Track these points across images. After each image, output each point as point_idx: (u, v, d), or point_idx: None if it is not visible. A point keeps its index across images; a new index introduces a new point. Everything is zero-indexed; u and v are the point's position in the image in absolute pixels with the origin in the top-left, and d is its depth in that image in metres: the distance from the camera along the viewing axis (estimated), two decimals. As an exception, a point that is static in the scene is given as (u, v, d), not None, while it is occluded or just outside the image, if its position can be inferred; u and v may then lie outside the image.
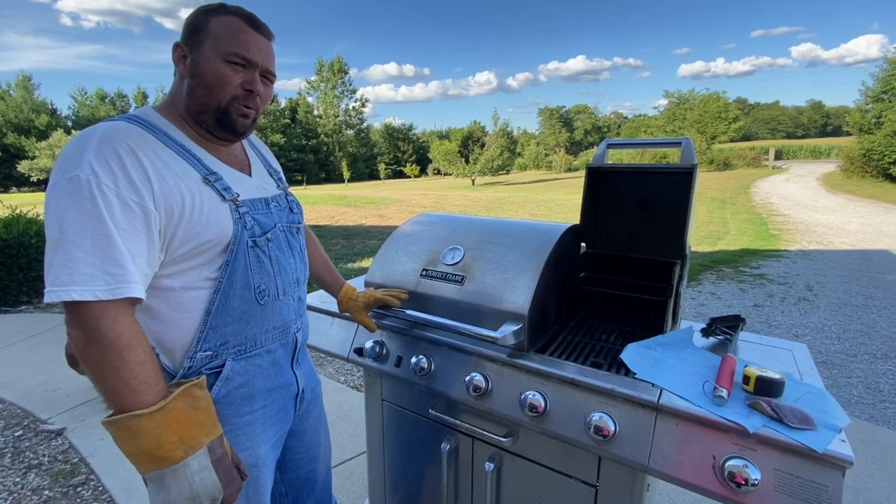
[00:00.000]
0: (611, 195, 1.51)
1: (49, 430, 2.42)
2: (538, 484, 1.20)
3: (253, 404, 0.98)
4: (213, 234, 0.87)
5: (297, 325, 1.08)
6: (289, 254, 1.03)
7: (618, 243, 1.51)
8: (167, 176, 0.83)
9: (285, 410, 1.08)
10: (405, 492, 1.56)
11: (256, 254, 0.94)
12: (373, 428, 1.58)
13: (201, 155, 0.91)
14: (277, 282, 0.98)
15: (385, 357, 1.36)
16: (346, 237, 8.81)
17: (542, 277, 1.18)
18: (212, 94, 0.89)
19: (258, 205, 0.98)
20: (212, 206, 0.88)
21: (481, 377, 1.16)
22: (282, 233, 1.01)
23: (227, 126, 0.93)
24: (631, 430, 0.97)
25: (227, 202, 0.90)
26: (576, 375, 1.05)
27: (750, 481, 0.84)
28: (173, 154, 0.86)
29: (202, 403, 0.81)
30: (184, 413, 0.78)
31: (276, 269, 0.98)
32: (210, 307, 0.89)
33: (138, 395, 0.75)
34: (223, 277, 0.89)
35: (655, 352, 1.15)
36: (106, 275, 0.73)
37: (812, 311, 4.37)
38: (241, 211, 0.92)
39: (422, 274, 1.37)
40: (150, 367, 0.77)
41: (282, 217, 1.03)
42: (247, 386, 0.96)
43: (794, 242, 7.50)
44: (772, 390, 0.93)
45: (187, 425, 0.78)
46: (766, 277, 5.48)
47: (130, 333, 0.76)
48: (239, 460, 0.90)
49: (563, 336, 1.30)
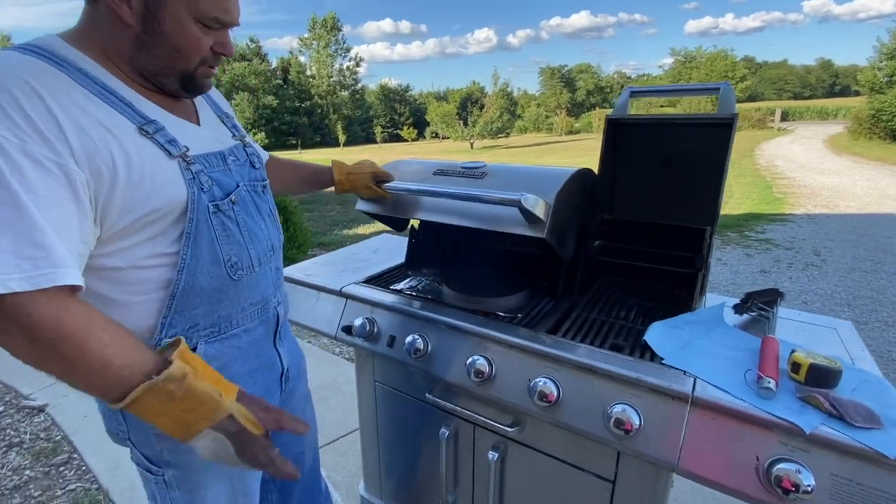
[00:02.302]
0: (631, 153, 1.33)
1: (31, 407, 2.32)
2: (547, 476, 1.09)
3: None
4: (162, 201, 0.71)
5: (276, 297, 0.95)
6: (258, 217, 0.88)
7: (637, 208, 1.34)
8: (88, 126, 0.64)
9: (270, 392, 0.96)
10: (401, 475, 1.46)
11: (221, 220, 0.78)
12: (365, 410, 1.47)
13: (133, 99, 0.72)
14: (250, 251, 0.84)
15: (376, 336, 1.21)
16: (342, 203, 8.58)
17: (562, 191, 1.02)
18: (179, 59, 0.74)
19: (214, 160, 0.81)
20: (155, 165, 0.70)
21: (484, 360, 1.02)
22: (247, 193, 0.86)
23: (192, 88, 0.80)
24: (658, 425, 0.84)
25: (175, 159, 0.73)
26: (594, 361, 0.91)
27: (801, 487, 0.71)
28: (94, 98, 0.67)
29: (179, 394, 0.63)
30: (159, 408, 0.63)
31: (247, 236, 0.83)
32: (174, 289, 0.75)
33: (124, 381, 0.61)
34: (185, 252, 0.74)
35: (683, 332, 1.00)
36: (21, 259, 0.56)
37: (820, 276, 4.25)
38: (193, 169, 0.75)
39: (435, 172, 1.21)
40: (122, 343, 0.62)
41: (243, 174, 0.87)
42: (224, 370, 0.82)
43: (799, 206, 7.32)
44: (827, 380, 0.80)
45: (174, 415, 0.64)
46: (772, 242, 5.34)
47: (77, 316, 0.60)
48: (280, 418, 0.75)
49: (577, 313, 1.16)
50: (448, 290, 1.26)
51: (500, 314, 1.13)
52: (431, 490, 1.37)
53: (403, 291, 1.29)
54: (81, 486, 1.81)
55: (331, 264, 1.54)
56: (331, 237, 5.93)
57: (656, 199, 1.30)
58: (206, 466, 0.84)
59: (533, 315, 1.15)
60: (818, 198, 7.88)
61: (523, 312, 1.15)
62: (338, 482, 1.83)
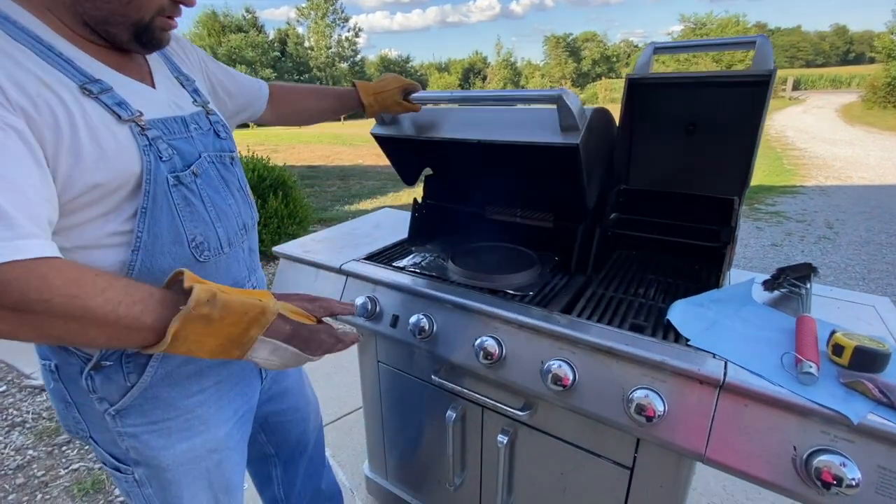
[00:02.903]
0: (650, 116, 1.23)
1: (33, 386, 2.30)
2: (559, 461, 1.03)
3: (203, 381, 0.80)
4: (113, 172, 0.62)
5: (251, 281, 0.87)
6: (225, 192, 0.79)
7: (657, 177, 1.24)
8: (25, 82, 0.55)
9: (247, 382, 0.91)
10: (406, 456, 1.42)
11: (183, 194, 0.69)
12: (368, 391, 1.42)
13: (74, 56, 0.62)
14: (218, 230, 0.75)
15: (379, 316, 1.15)
16: (343, 178, 8.44)
17: (593, 116, 0.96)
18: (131, 6, 0.64)
19: (174, 126, 0.72)
20: (103, 130, 0.61)
21: (493, 341, 0.95)
22: (210, 165, 0.76)
23: (147, 42, 0.69)
24: (684, 412, 0.78)
25: (126, 123, 0.64)
26: (613, 343, 0.84)
27: (845, 481, 0.65)
28: (30, 53, 0.58)
29: (216, 314, 0.58)
30: (202, 334, 0.58)
31: (213, 213, 0.75)
32: (129, 272, 0.66)
33: (140, 319, 0.55)
34: (141, 230, 0.65)
35: (709, 311, 0.93)
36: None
37: (834, 249, 4.15)
38: (150, 135, 0.66)
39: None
40: (119, 284, 0.56)
41: (207, 143, 0.77)
42: (192, 362, 0.77)
43: (810, 178, 7.13)
44: (874, 365, 0.72)
45: (220, 335, 0.60)
46: (783, 215, 5.21)
47: (61, 269, 0.52)
48: (328, 305, 0.76)
49: (592, 291, 1.08)
50: (454, 267, 1.18)
51: (510, 292, 1.06)
52: (437, 472, 1.33)
53: (406, 268, 1.22)
54: (85, 466, 1.79)
55: (330, 240, 1.46)
56: (332, 213, 5.84)
57: (679, 168, 1.21)
58: (176, 464, 0.79)
59: (546, 293, 1.08)
60: (830, 169, 7.68)
61: (535, 290, 1.07)
62: (343, 461, 1.81)
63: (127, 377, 0.71)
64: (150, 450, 0.76)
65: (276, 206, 3.92)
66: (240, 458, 0.91)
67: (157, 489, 0.80)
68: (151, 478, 0.78)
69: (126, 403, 0.72)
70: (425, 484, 1.41)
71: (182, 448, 0.78)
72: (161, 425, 0.76)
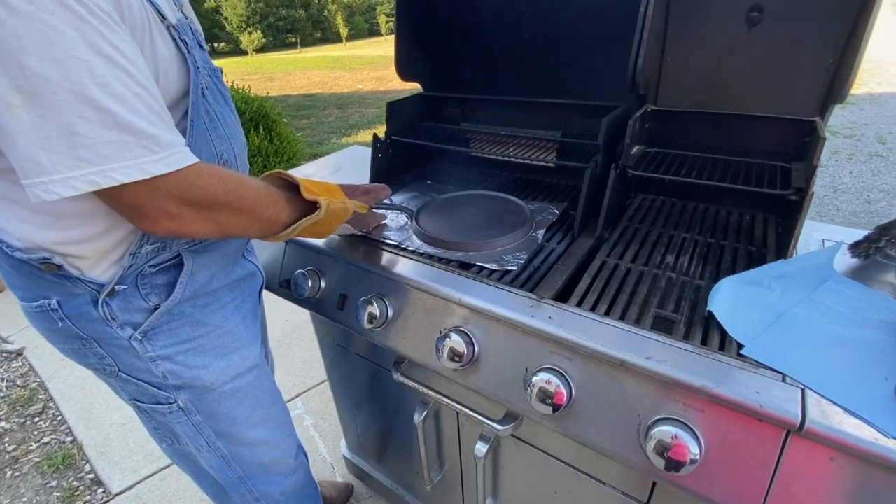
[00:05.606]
0: (694, 4, 0.84)
1: (8, 351, 2.20)
2: (552, 480, 0.82)
3: (223, 298, 0.77)
4: (178, 81, 0.60)
5: None
6: (228, 108, 0.72)
7: (700, 92, 0.89)
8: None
9: (253, 304, 0.86)
10: (382, 445, 1.25)
11: (206, 108, 0.66)
12: (333, 373, 1.21)
13: None
14: (234, 147, 0.72)
15: (321, 295, 0.90)
16: (340, 106, 7.86)
17: None
18: None
19: (188, 32, 0.64)
20: (153, 28, 0.56)
21: (462, 338, 0.70)
22: (209, 78, 0.69)
23: None
24: (731, 457, 0.52)
25: (166, 24, 0.59)
26: (627, 354, 0.57)
27: None
28: None
29: (324, 218, 0.69)
30: (308, 231, 0.70)
31: (226, 129, 0.70)
32: None
33: (276, 204, 0.64)
34: (189, 143, 0.58)
35: (772, 293, 0.64)
36: (142, 138, 0.48)
37: (886, 169, 3.66)
38: (185, 39, 0.61)
39: None
40: (262, 184, 0.64)
41: (201, 55, 0.68)
42: (214, 281, 0.75)
43: (860, 84, 6.32)
44: None
45: (319, 230, 0.72)
46: (829, 129, 4.62)
47: (214, 171, 0.57)
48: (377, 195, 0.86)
49: (602, 260, 0.79)
50: (417, 229, 0.90)
51: (487, 266, 0.78)
52: (415, 464, 1.15)
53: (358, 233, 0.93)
54: (56, 439, 1.70)
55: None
56: (328, 146, 5.44)
57: (731, 77, 0.84)
58: (220, 381, 0.76)
59: (537, 266, 0.79)
60: (884, 73, 6.80)
61: (522, 261, 0.79)
62: (324, 431, 1.66)
63: (146, 298, 0.67)
64: (190, 370, 0.73)
65: (259, 143, 3.57)
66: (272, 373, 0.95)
67: (207, 415, 0.77)
68: (198, 402, 0.75)
69: (152, 324, 0.68)
70: (405, 475, 1.24)
71: (221, 366, 0.76)
72: (194, 343, 0.73)
